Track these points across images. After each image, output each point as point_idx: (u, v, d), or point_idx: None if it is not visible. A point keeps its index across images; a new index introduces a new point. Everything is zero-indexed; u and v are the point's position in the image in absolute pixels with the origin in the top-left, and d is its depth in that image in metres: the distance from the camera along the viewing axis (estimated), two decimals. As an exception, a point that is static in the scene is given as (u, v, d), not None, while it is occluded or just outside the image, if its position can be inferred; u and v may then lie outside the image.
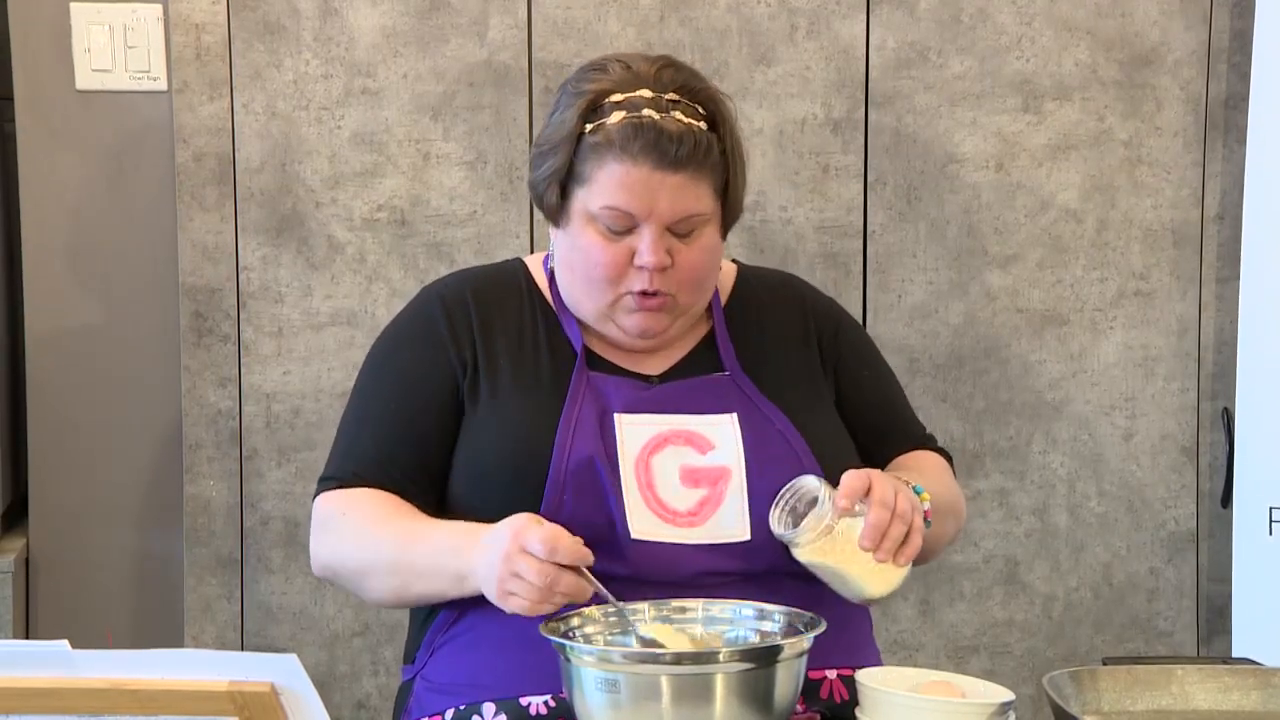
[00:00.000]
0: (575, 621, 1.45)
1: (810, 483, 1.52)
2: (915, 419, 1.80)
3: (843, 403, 1.72)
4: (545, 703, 1.52)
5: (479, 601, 1.58)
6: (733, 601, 1.49)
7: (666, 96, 1.58)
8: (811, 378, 1.70)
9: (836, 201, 2.56)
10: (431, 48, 2.49)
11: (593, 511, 1.56)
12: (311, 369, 2.50)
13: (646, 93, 1.58)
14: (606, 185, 1.57)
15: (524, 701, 1.53)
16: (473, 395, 1.64)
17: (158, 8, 2.52)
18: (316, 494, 1.66)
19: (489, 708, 1.54)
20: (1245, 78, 2.53)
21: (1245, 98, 2.53)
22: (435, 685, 1.61)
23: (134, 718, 1.12)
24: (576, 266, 1.61)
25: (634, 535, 1.55)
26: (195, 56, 2.47)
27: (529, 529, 1.46)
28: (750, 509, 1.57)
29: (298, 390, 2.51)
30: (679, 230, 1.59)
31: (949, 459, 1.79)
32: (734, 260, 1.82)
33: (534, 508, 1.54)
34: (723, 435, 1.60)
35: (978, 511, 2.60)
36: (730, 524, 1.57)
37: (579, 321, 1.66)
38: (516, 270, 1.71)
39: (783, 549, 1.55)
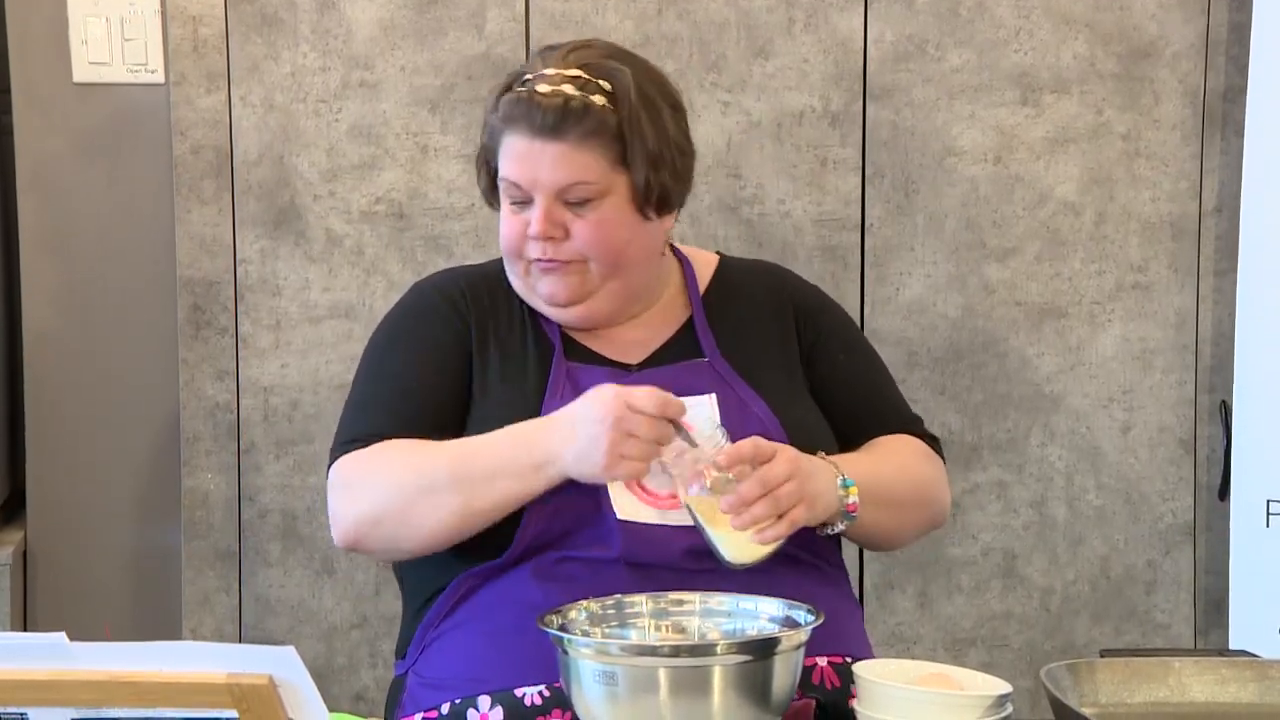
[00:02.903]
0: (572, 614, 1.45)
1: (708, 429, 1.52)
2: (902, 404, 1.80)
3: (821, 388, 1.72)
4: (540, 693, 1.53)
5: (471, 595, 1.59)
6: (730, 594, 1.50)
7: (566, 73, 1.61)
8: (789, 364, 1.71)
9: (834, 195, 2.56)
10: (429, 40, 2.49)
11: (578, 497, 1.56)
12: (309, 362, 2.50)
13: (548, 71, 1.62)
14: (504, 159, 1.63)
15: (519, 693, 1.53)
16: (468, 381, 1.66)
17: (155, 0, 2.51)
18: (332, 461, 1.63)
19: (484, 700, 1.54)
20: (1243, 70, 2.53)
21: (1243, 90, 2.53)
22: (428, 680, 1.60)
23: (132, 710, 1.12)
24: (501, 243, 1.67)
25: (620, 516, 1.56)
26: (192, 49, 2.46)
27: (629, 390, 1.50)
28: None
29: (296, 383, 2.51)
30: (571, 199, 1.61)
31: (936, 444, 1.78)
32: (718, 252, 1.83)
33: None
34: (700, 418, 1.60)
35: (976, 504, 2.60)
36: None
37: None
38: (499, 267, 1.73)
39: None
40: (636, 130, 1.62)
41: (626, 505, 1.57)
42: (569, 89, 1.60)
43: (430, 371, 1.65)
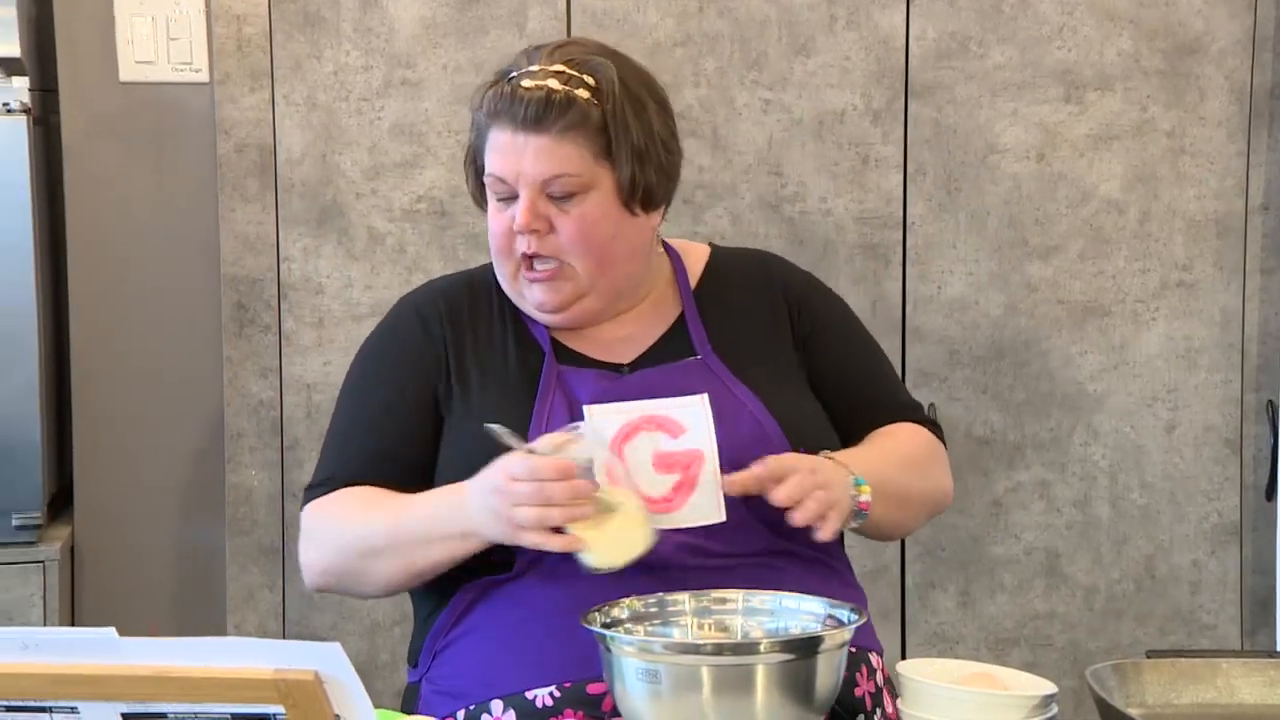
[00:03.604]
0: (616, 613, 1.45)
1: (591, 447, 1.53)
2: (901, 391, 1.79)
3: (820, 379, 1.71)
4: (550, 694, 1.53)
5: (477, 601, 1.59)
6: (772, 592, 1.49)
7: (550, 68, 1.61)
8: (783, 357, 1.70)
9: (876, 192, 2.55)
10: (471, 39, 2.50)
11: None
12: (352, 359, 2.51)
13: (534, 68, 1.62)
14: (488, 155, 1.63)
15: (529, 694, 1.53)
16: (447, 402, 1.65)
17: (200, 0, 2.53)
18: (304, 503, 1.66)
19: (497, 705, 1.54)
20: (1291, 66, 2.51)
21: (1291, 87, 2.50)
22: (441, 688, 1.60)
23: (180, 705, 1.13)
24: (490, 243, 1.66)
25: None
26: (236, 48, 2.48)
27: (507, 459, 1.50)
28: (724, 491, 1.58)
29: (338, 381, 2.50)
30: (555, 192, 1.61)
31: (937, 429, 1.77)
32: (709, 243, 1.80)
33: None
34: (693, 417, 1.60)
35: (1018, 503, 2.59)
36: (705, 507, 1.58)
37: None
38: (486, 273, 1.72)
39: (761, 531, 1.58)
40: (621, 124, 1.61)
41: None
42: (553, 83, 1.60)
43: (398, 408, 1.65)
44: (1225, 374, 2.59)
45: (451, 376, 1.65)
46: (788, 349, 1.71)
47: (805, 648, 1.35)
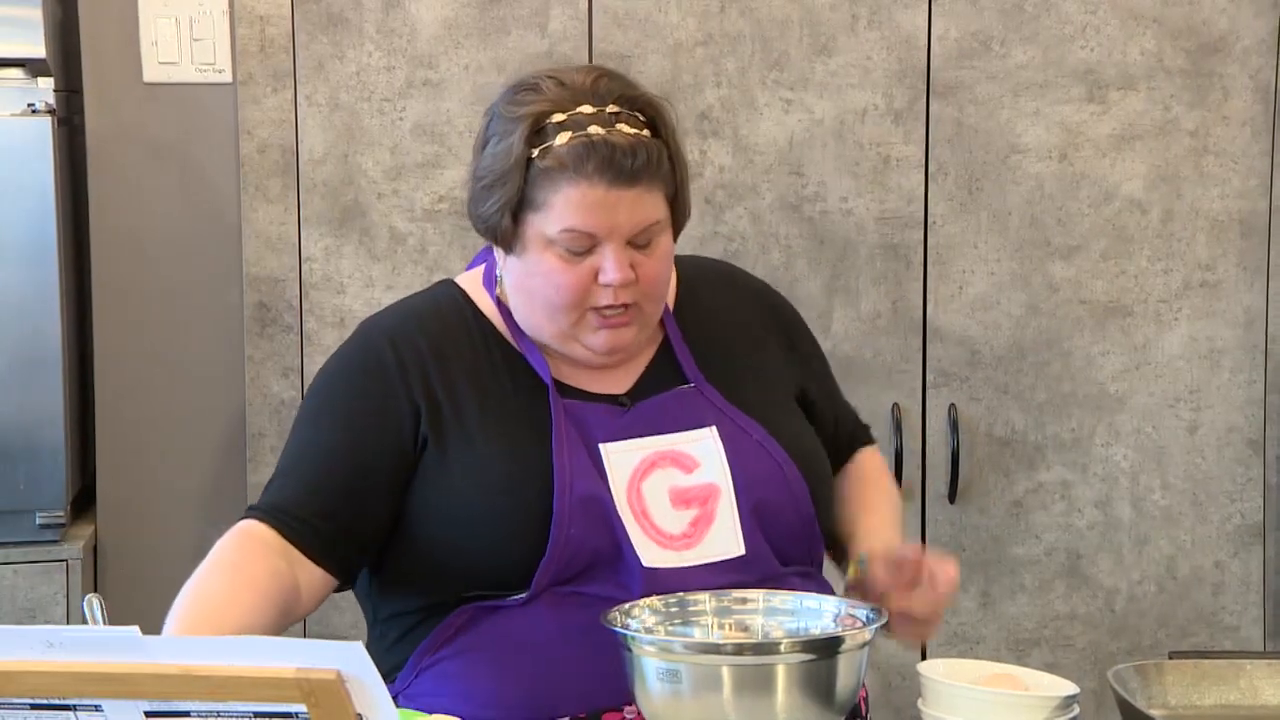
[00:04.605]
0: (636, 612, 1.45)
1: None
2: (848, 404, 1.80)
3: (805, 406, 1.70)
4: None
5: (476, 621, 1.55)
6: (793, 593, 1.49)
7: (608, 109, 1.55)
8: (776, 378, 1.68)
9: (897, 192, 2.54)
10: (493, 39, 2.50)
11: (601, 541, 1.54)
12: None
13: (587, 108, 1.54)
14: (564, 209, 1.53)
15: None
16: (438, 439, 1.57)
17: (223, 0, 2.54)
18: (242, 516, 1.58)
19: None
20: (1315, 66, 2.50)
21: (1315, 86, 2.49)
22: (424, 706, 1.56)
23: (203, 703, 1.14)
24: (536, 292, 1.57)
25: (646, 564, 1.53)
26: (259, 49, 2.49)
27: None
28: (742, 524, 1.57)
29: (360, 380, 2.53)
30: (638, 242, 1.56)
31: (873, 441, 1.80)
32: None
33: (538, 543, 1.52)
34: (705, 451, 1.58)
35: (1039, 504, 2.58)
36: (725, 541, 1.56)
37: (539, 346, 1.61)
38: (456, 298, 1.65)
39: (772, 561, 1.57)
40: (680, 160, 1.59)
41: (649, 551, 1.54)
42: (629, 128, 1.54)
43: (361, 457, 1.56)
44: (1248, 374, 2.58)
45: (444, 408, 1.57)
46: (780, 368, 1.70)
47: (826, 648, 1.35)
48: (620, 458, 1.57)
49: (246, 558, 1.54)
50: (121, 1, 2.54)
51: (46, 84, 2.41)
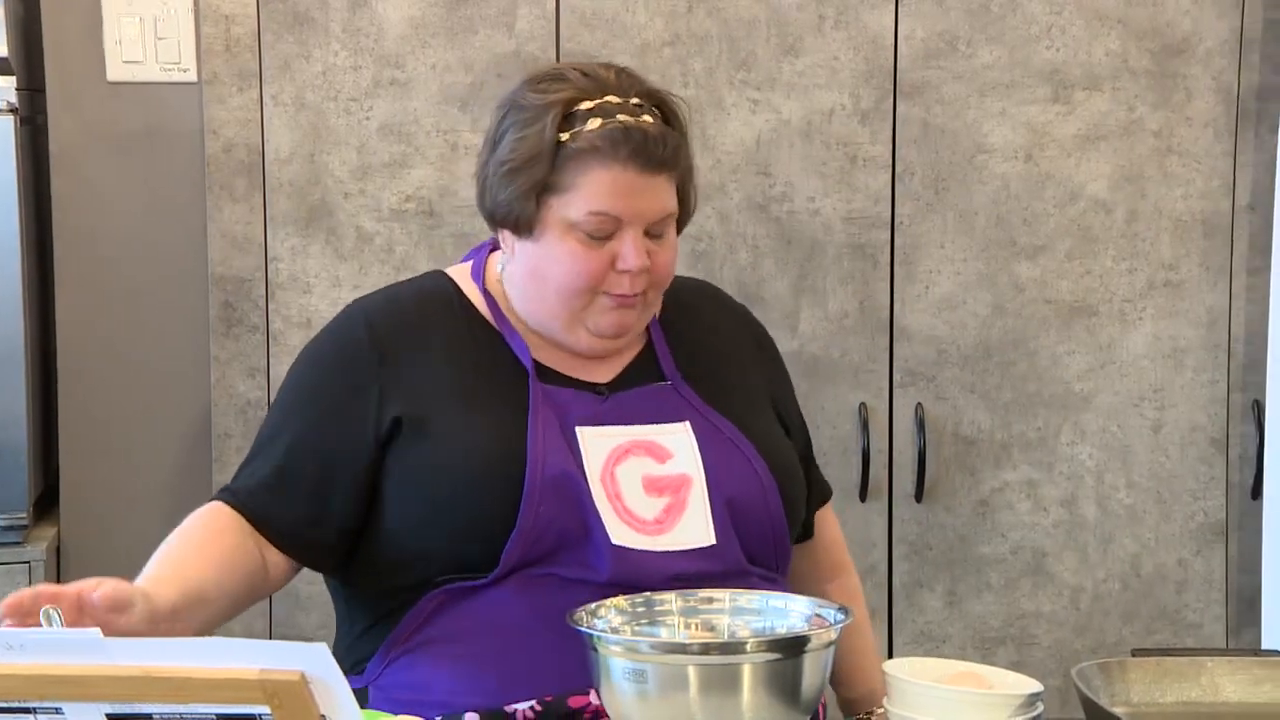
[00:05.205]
0: (602, 612, 1.45)
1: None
2: (814, 463, 1.81)
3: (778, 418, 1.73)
4: (531, 707, 1.52)
5: (443, 609, 1.56)
6: (759, 592, 1.50)
7: (632, 100, 1.59)
8: (755, 389, 1.71)
9: (864, 192, 2.55)
10: (460, 39, 2.49)
11: (570, 520, 1.55)
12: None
13: (614, 98, 1.58)
14: (593, 192, 1.56)
15: (509, 709, 1.52)
16: (413, 418, 1.59)
17: (188, 0, 2.53)
18: (213, 497, 1.63)
19: (471, 717, 1.53)
20: (1277, 68, 2.51)
21: (1277, 88, 2.51)
22: (396, 698, 1.57)
23: (165, 705, 1.13)
24: (550, 276, 1.60)
25: (614, 542, 1.55)
26: (225, 48, 2.48)
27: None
28: (713, 514, 1.59)
29: (326, 380, 2.52)
30: (654, 231, 1.60)
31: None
32: None
33: (509, 521, 1.53)
34: (679, 444, 1.61)
35: (1005, 503, 2.60)
36: (696, 530, 1.58)
37: (523, 332, 1.64)
38: (445, 287, 1.68)
39: (739, 553, 1.59)
40: (689, 153, 1.64)
41: (619, 530, 1.56)
42: (652, 118, 1.59)
43: (330, 443, 1.59)
44: (1212, 374, 2.59)
45: (419, 389, 1.59)
46: (758, 381, 1.72)
47: (792, 647, 1.35)
48: (596, 442, 1.59)
49: (213, 530, 1.60)
50: (85, 0, 2.52)
51: (8, 82, 2.39)
